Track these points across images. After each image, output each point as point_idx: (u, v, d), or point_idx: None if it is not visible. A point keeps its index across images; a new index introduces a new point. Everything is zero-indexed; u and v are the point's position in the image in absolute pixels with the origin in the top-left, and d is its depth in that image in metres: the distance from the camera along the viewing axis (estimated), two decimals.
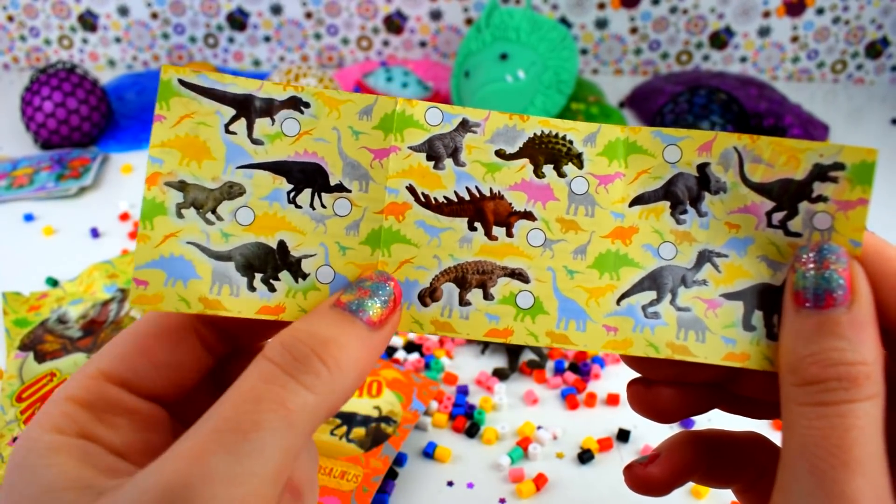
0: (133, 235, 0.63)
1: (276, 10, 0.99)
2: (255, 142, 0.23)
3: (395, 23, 0.99)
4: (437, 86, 0.88)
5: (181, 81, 0.23)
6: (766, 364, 0.23)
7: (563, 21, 0.98)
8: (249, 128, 0.23)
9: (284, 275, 0.23)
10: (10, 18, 1.00)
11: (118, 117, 0.86)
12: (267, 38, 1.01)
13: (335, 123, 0.23)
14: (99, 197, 0.71)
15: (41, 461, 0.19)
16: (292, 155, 0.23)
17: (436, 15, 0.98)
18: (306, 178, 0.23)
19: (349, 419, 0.41)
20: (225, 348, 0.24)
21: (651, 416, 0.27)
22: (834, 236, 0.23)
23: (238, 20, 1.00)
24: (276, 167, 0.23)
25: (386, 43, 1.01)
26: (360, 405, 0.42)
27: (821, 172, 0.23)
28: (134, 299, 0.22)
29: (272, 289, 0.23)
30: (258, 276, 0.23)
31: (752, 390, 0.26)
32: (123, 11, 1.00)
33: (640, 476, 0.27)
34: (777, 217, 0.23)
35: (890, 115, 0.91)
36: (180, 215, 0.22)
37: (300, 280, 0.23)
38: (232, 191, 0.23)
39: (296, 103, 0.23)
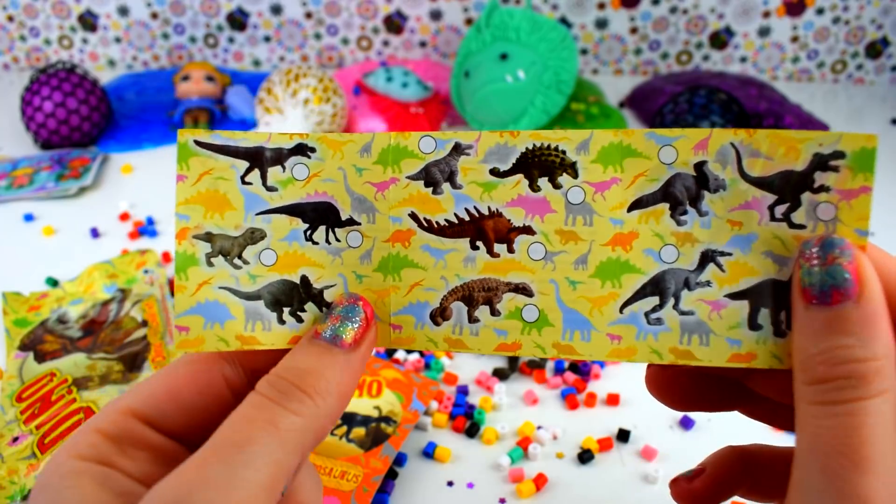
0: (133, 236, 0.63)
1: (276, 10, 0.99)
2: (270, 189, 0.25)
3: (395, 23, 0.99)
4: (437, 86, 0.87)
5: (197, 142, 0.24)
6: (774, 362, 0.23)
7: (563, 21, 0.98)
8: (263, 177, 0.25)
9: (310, 306, 0.25)
10: (10, 18, 1.00)
11: (118, 117, 0.86)
12: (267, 38, 1.01)
13: (340, 163, 0.25)
14: (99, 197, 0.71)
15: (62, 483, 0.20)
16: (304, 197, 0.25)
17: (436, 15, 0.98)
18: (319, 216, 0.25)
19: (349, 419, 0.41)
20: None
21: (664, 400, 0.27)
22: (839, 227, 0.22)
23: (238, 20, 1.00)
24: (292, 210, 0.25)
25: (386, 43, 1.01)
26: (360, 405, 0.42)
27: (821, 162, 0.22)
28: (178, 344, 0.24)
29: (300, 319, 0.25)
30: (286, 309, 0.25)
31: (766, 388, 0.26)
32: (123, 11, 1.00)
33: (685, 490, 0.27)
34: (780, 210, 0.23)
35: (890, 115, 0.91)
36: (210, 264, 0.25)
37: (324, 309, 0.25)
38: (254, 236, 0.25)
39: (303, 150, 0.25)
